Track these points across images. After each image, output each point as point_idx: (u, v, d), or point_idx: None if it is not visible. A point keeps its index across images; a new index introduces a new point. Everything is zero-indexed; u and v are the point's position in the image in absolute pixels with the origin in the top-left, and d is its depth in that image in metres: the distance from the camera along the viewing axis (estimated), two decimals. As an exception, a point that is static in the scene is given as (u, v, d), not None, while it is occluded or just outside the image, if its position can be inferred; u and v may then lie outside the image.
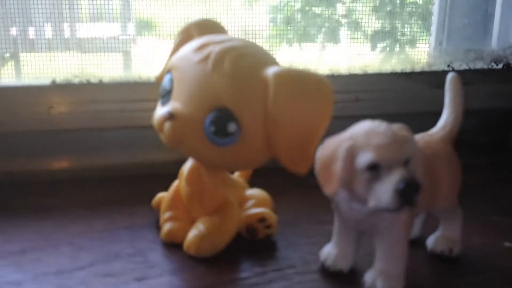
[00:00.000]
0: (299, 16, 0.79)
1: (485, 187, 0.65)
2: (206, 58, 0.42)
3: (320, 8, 0.81)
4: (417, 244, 0.48)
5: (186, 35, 0.47)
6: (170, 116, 0.42)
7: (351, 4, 0.81)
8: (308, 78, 0.42)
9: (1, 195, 0.60)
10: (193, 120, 0.41)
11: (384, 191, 0.35)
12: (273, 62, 0.44)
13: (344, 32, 0.82)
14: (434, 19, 0.86)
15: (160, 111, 0.43)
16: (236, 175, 0.55)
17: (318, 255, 0.45)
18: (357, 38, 0.82)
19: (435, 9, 0.86)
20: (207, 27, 0.47)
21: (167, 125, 0.42)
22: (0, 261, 0.45)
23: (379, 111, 0.73)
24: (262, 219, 0.49)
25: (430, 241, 0.47)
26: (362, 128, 0.37)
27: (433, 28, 0.87)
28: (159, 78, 0.47)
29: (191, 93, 0.42)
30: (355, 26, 0.81)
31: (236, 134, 0.41)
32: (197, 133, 0.41)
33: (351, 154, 0.36)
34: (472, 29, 0.85)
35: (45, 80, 0.65)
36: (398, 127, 0.37)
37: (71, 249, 0.47)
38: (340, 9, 0.82)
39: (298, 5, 0.80)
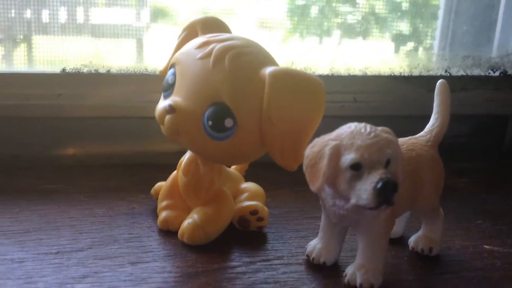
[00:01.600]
0: (316, 8, 0.81)
1: (473, 191, 0.67)
2: (207, 55, 0.44)
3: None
4: (400, 242, 0.51)
5: (190, 31, 0.50)
6: (171, 109, 0.44)
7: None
8: (302, 78, 0.44)
9: (8, 178, 0.63)
10: (192, 114, 0.44)
11: (364, 190, 0.37)
12: (272, 62, 0.46)
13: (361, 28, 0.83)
14: (439, 24, 0.88)
15: (162, 104, 0.46)
16: (233, 168, 0.58)
17: (305, 248, 0.48)
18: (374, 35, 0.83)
19: (440, 14, 0.87)
20: (212, 25, 0.49)
21: (167, 117, 0.44)
22: (5, 240, 0.48)
23: (376, 113, 0.75)
24: (254, 211, 0.52)
25: (412, 240, 0.50)
26: (347, 129, 0.39)
27: (437, 33, 0.89)
28: (163, 72, 0.50)
29: (192, 88, 0.44)
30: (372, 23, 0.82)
31: (233, 129, 0.43)
32: (196, 126, 0.44)
33: (336, 153, 0.38)
34: (475, 36, 0.87)
35: (56, 68, 0.68)
36: (382, 130, 0.40)
37: (72, 232, 0.50)
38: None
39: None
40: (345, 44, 0.82)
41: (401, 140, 0.46)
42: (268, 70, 0.43)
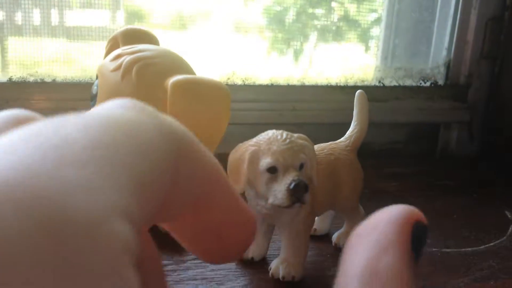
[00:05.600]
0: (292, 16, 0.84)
1: (401, 194, 0.71)
2: (118, 67, 0.47)
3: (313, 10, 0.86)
4: (326, 239, 0.55)
5: (114, 43, 0.52)
6: None
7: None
8: (204, 85, 0.47)
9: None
10: None
11: (279, 191, 0.41)
12: (182, 71, 0.48)
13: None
14: (380, 37, 0.93)
15: None
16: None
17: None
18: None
19: (381, 27, 0.92)
20: (132, 36, 0.52)
21: None
22: None
23: (314, 120, 0.79)
24: None
25: (335, 236, 0.53)
26: (266, 136, 0.43)
27: (380, 45, 0.93)
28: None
29: (107, 99, 0.47)
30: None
31: None
32: None
33: (255, 157, 0.42)
34: (414, 49, 0.92)
35: (3, 78, 0.70)
36: (298, 136, 0.43)
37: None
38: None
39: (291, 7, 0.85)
40: (319, 49, 0.86)
41: (321, 145, 0.50)
42: (171, 79, 0.45)
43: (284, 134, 0.43)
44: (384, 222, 0.34)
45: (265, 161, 0.41)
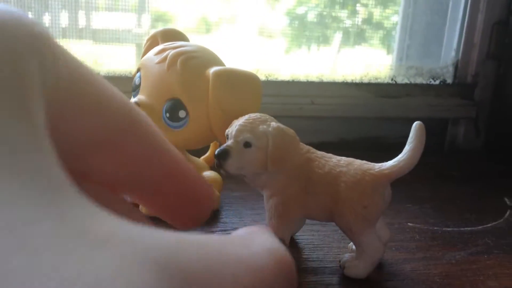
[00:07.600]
0: (315, 18, 0.90)
1: (409, 181, 0.77)
2: (163, 59, 0.53)
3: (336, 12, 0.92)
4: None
5: (153, 40, 0.59)
6: (136, 105, 0.53)
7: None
8: (240, 75, 0.54)
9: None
10: (153, 108, 0.53)
11: None
12: (217, 63, 0.55)
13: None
14: (396, 37, 0.99)
15: None
16: (201, 158, 0.67)
17: (259, 223, 0.57)
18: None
19: (397, 29, 0.99)
20: (170, 34, 0.59)
21: None
22: None
23: (331, 114, 0.86)
24: None
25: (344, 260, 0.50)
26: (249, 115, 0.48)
27: (395, 46, 1.00)
28: (134, 75, 0.59)
29: (152, 87, 0.54)
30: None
31: (186, 119, 0.53)
32: (157, 118, 0.53)
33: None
34: (427, 49, 0.98)
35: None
36: (266, 123, 0.47)
37: None
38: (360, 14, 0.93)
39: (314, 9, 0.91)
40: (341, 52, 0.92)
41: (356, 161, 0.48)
42: (212, 69, 0.53)
43: (257, 116, 0.47)
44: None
45: (227, 130, 0.48)
